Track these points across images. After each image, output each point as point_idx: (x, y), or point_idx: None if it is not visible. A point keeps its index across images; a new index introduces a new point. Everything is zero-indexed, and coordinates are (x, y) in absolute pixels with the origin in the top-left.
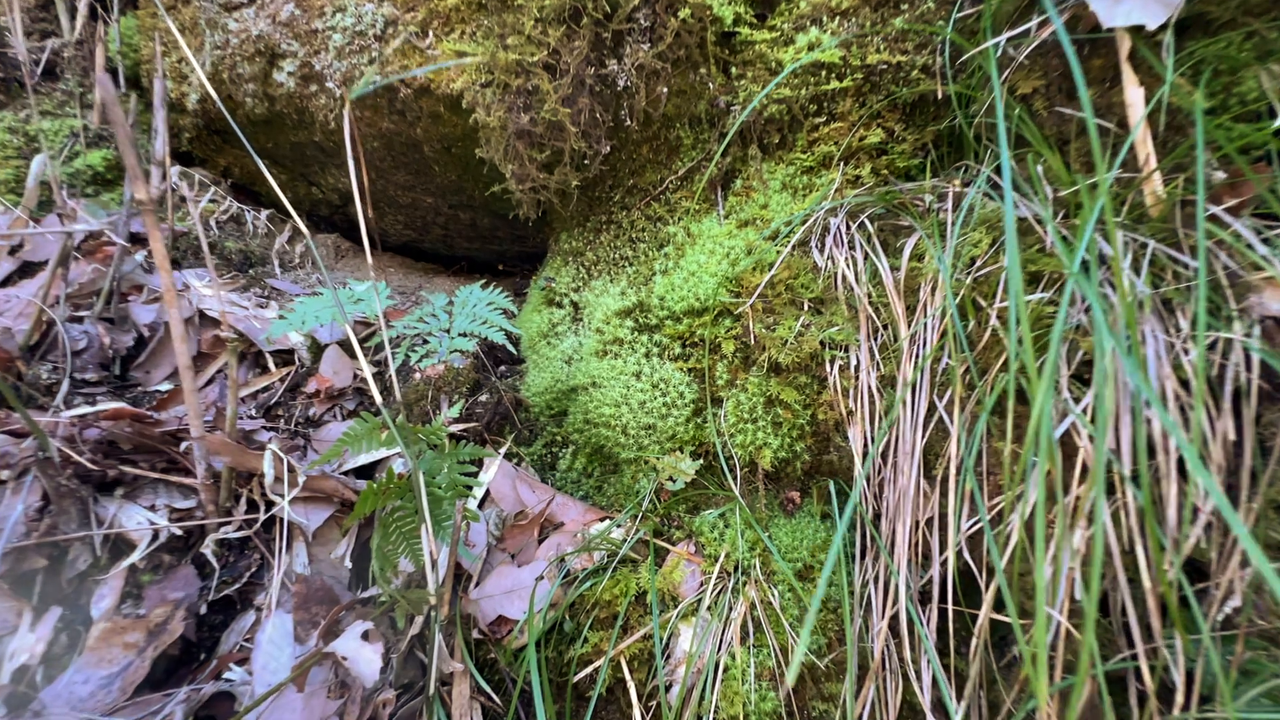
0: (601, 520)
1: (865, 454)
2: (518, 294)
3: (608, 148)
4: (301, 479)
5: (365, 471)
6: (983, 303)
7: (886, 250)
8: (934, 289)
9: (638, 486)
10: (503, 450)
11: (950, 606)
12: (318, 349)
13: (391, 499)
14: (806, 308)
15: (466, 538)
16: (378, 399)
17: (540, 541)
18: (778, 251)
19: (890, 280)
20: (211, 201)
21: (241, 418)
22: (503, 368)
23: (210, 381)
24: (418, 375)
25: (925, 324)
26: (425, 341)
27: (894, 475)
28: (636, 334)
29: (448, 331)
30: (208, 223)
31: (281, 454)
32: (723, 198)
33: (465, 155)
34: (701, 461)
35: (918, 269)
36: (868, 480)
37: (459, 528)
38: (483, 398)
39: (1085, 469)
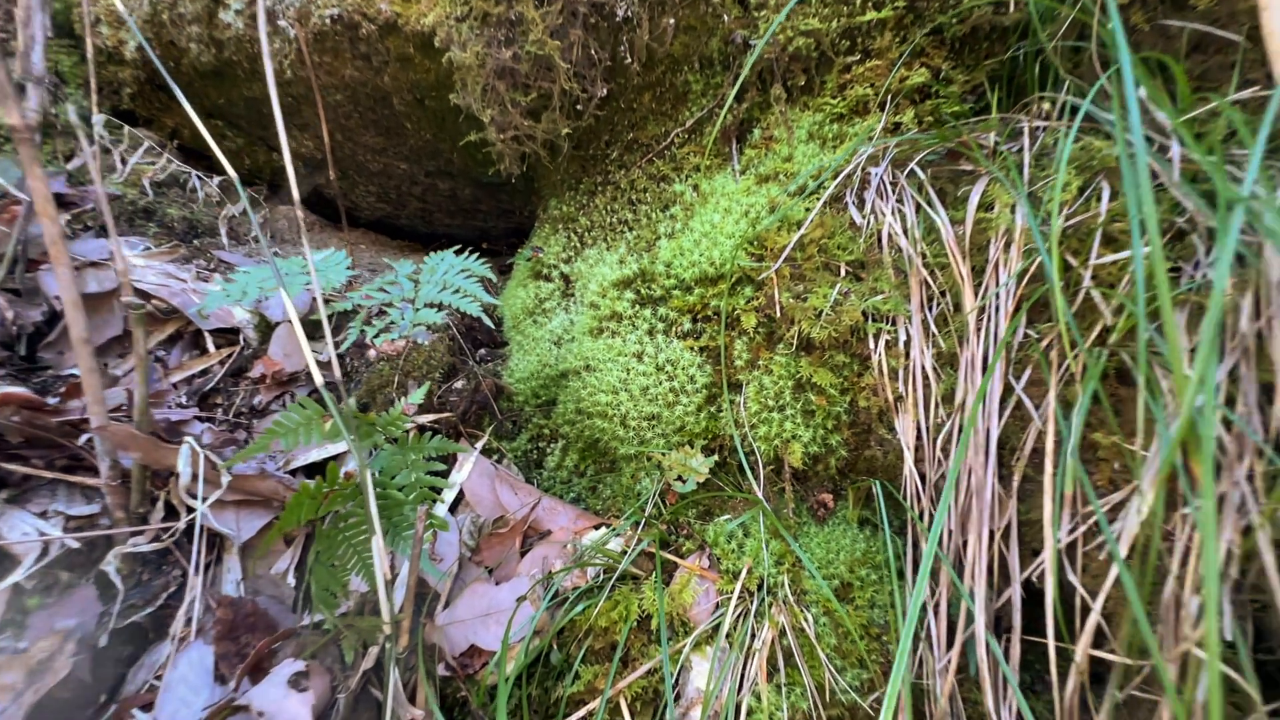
0: (596, 528)
1: (917, 448)
2: (503, 273)
3: (604, 91)
4: (226, 479)
5: (320, 470)
6: (1072, 260)
7: (944, 201)
8: (1008, 244)
9: (639, 488)
10: (479, 445)
11: (1020, 636)
12: (267, 328)
13: (337, 503)
14: (844, 273)
15: (433, 550)
16: (317, 378)
17: (523, 554)
18: (807, 208)
19: (951, 236)
20: (147, 162)
21: (169, 406)
22: (483, 350)
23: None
24: (373, 352)
25: (999, 288)
26: (384, 313)
27: (961, 474)
28: (638, 308)
29: (412, 302)
30: (141, 184)
31: (200, 448)
32: (738, 151)
33: (440, 109)
34: (715, 458)
35: (986, 221)
36: (921, 479)
37: (420, 538)
38: (458, 384)
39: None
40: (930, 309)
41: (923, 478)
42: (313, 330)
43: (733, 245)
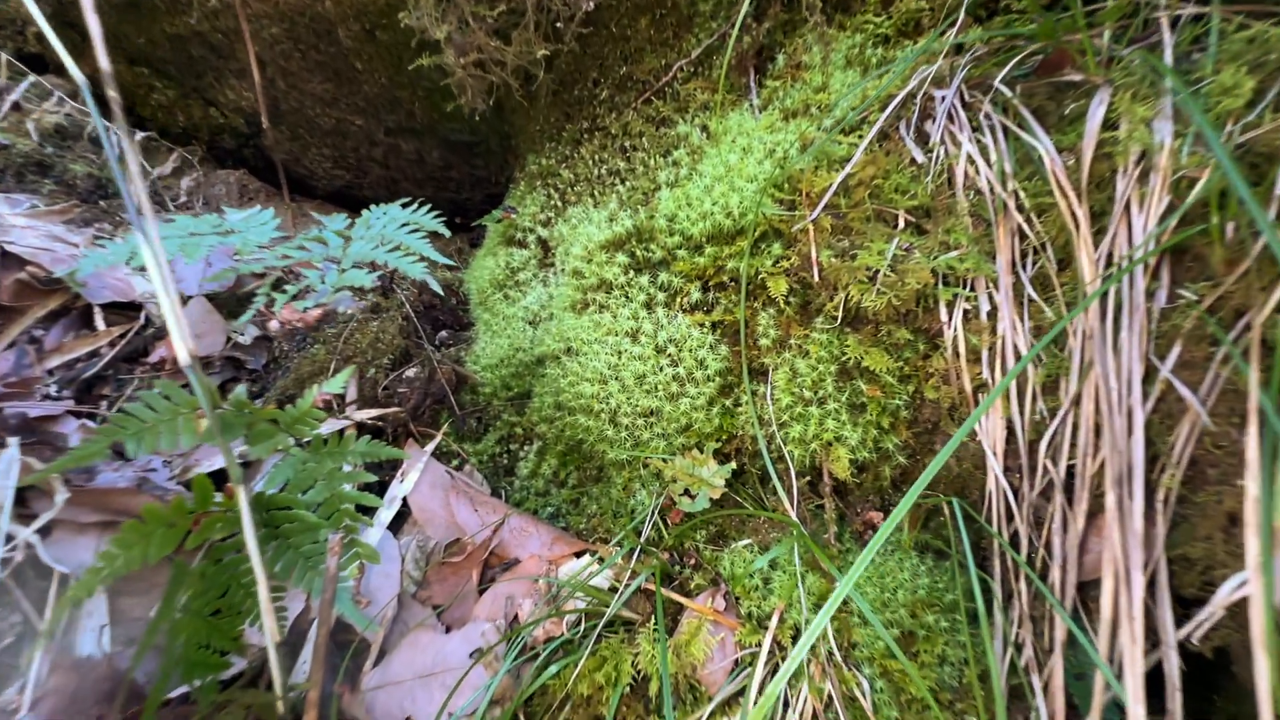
0: (578, 555)
1: (1007, 454)
2: (476, 247)
3: (591, 4)
4: (61, 494)
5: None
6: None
7: (1044, 124)
8: (1144, 174)
9: (633, 503)
10: (429, 448)
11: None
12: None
13: (214, 530)
14: (902, 223)
15: (359, 589)
16: (182, 356)
17: (482, 590)
18: (851, 145)
19: (1058, 168)
20: (49, 111)
21: (36, 396)
22: (444, 333)
23: (14, 344)
24: (275, 324)
25: (1134, 233)
26: (298, 276)
27: (1079, 488)
28: (632, 274)
29: (337, 262)
30: (33, 134)
31: (19, 453)
32: (757, 84)
33: (394, 43)
34: (732, 465)
35: (1111, 145)
36: (1015, 494)
37: (335, 577)
38: (409, 372)
39: None
40: (1025, 267)
41: (1015, 492)
42: (239, 307)
43: (755, 190)
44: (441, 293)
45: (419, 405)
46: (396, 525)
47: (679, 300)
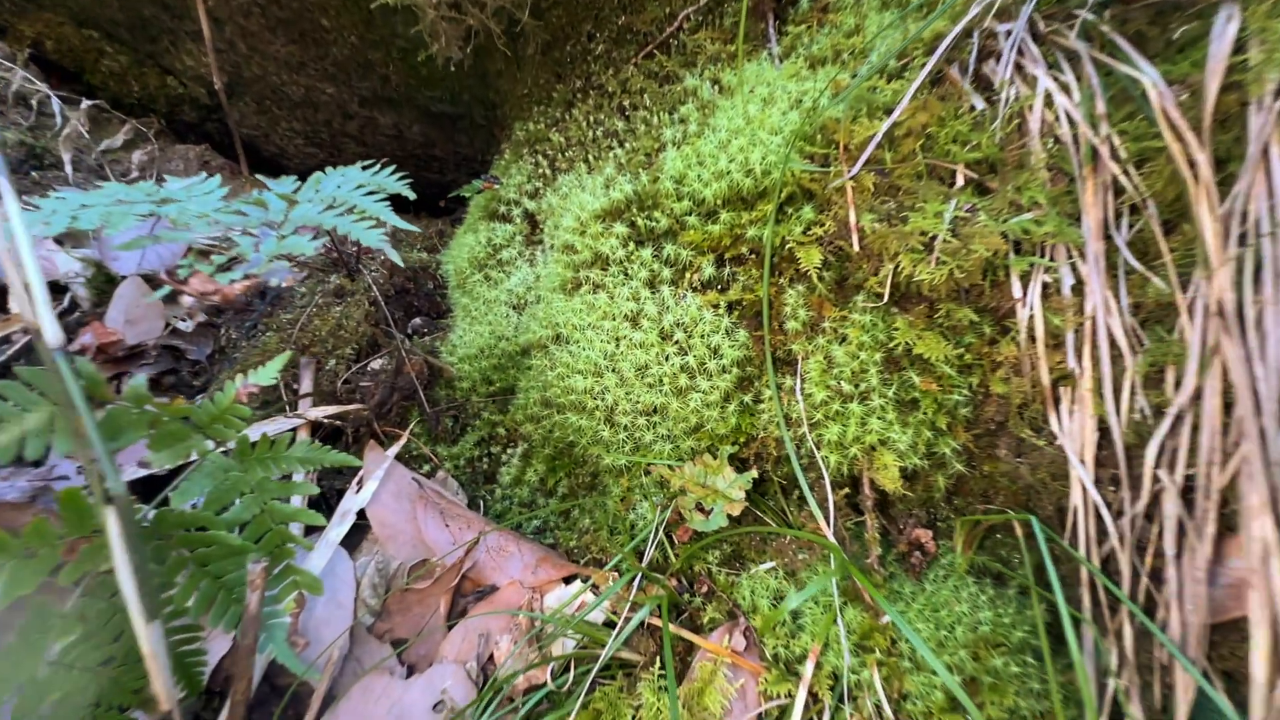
0: (568, 580)
1: (1100, 461)
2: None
3: None
4: None
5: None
6: None
7: (1145, 51)
8: None
9: (633, 516)
10: (392, 450)
11: None
12: (107, 283)
13: (94, 562)
14: (961, 180)
15: (295, 627)
16: (50, 337)
17: (452, 622)
18: (895, 91)
19: (1169, 103)
20: None
21: None
22: (418, 319)
23: None
24: (189, 299)
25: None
26: (230, 244)
27: (1199, 507)
28: (632, 247)
29: (277, 227)
30: None
31: None
32: (777, 31)
33: None
34: (753, 473)
35: (1239, 71)
36: (1112, 511)
37: (258, 616)
38: (375, 364)
39: None
40: (1120, 229)
41: (1110, 508)
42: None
43: (782, 143)
44: (401, 263)
45: (385, 401)
46: (353, 542)
47: (688, 277)
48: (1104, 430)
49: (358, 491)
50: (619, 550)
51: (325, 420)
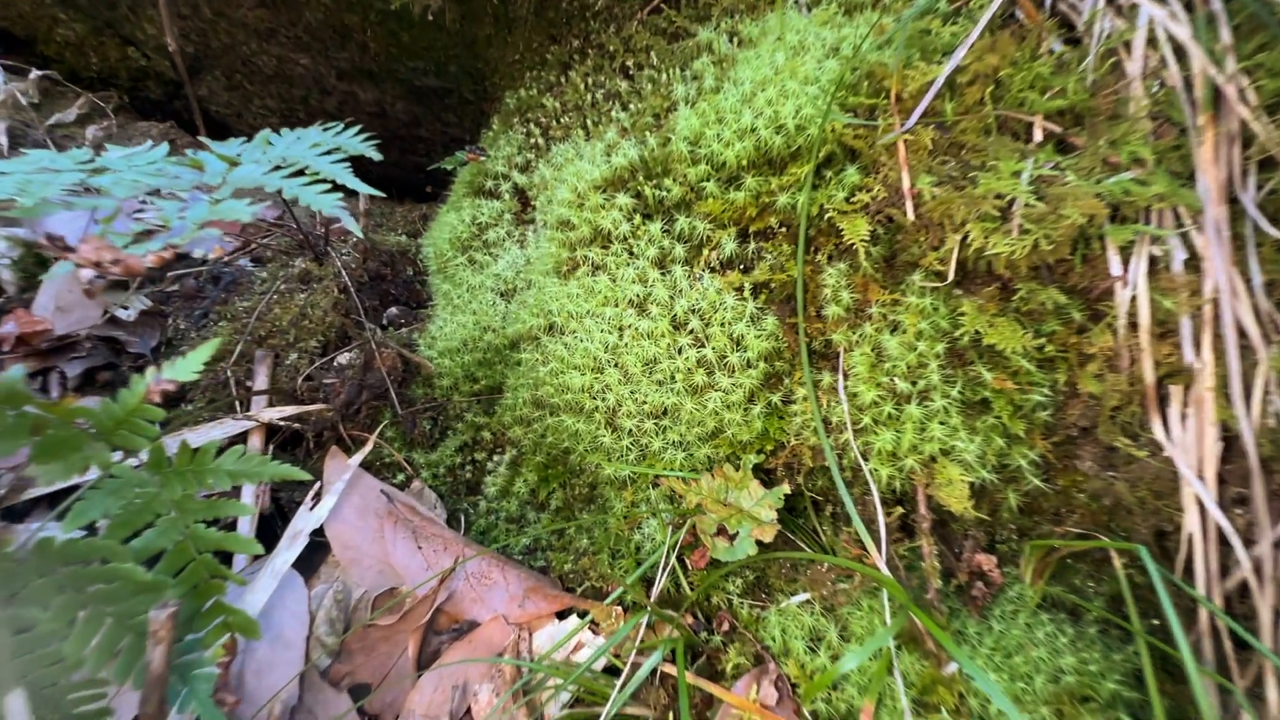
0: (562, 614)
1: (1222, 479)
2: None
3: None
4: None
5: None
6: None
7: None
8: None
9: (638, 537)
10: (356, 459)
11: None
12: (38, 264)
13: None
14: (1040, 135)
15: (226, 678)
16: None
17: (423, 665)
18: (955, 35)
19: None
20: None
21: None
22: (394, 309)
23: None
24: (87, 272)
25: None
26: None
27: None
28: (639, 221)
29: (211, 190)
30: None
31: None
32: None
33: None
34: (785, 487)
35: None
36: (1243, 539)
37: (160, 677)
38: (342, 358)
39: None
40: (1249, 189)
41: (1240, 535)
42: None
43: (819, 93)
44: (362, 235)
45: (352, 401)
46: (311, 565)
47: (705, 255)
48: (1229, 439)
49: (313, 507)
50: (623, 577)
51: (282, 423)
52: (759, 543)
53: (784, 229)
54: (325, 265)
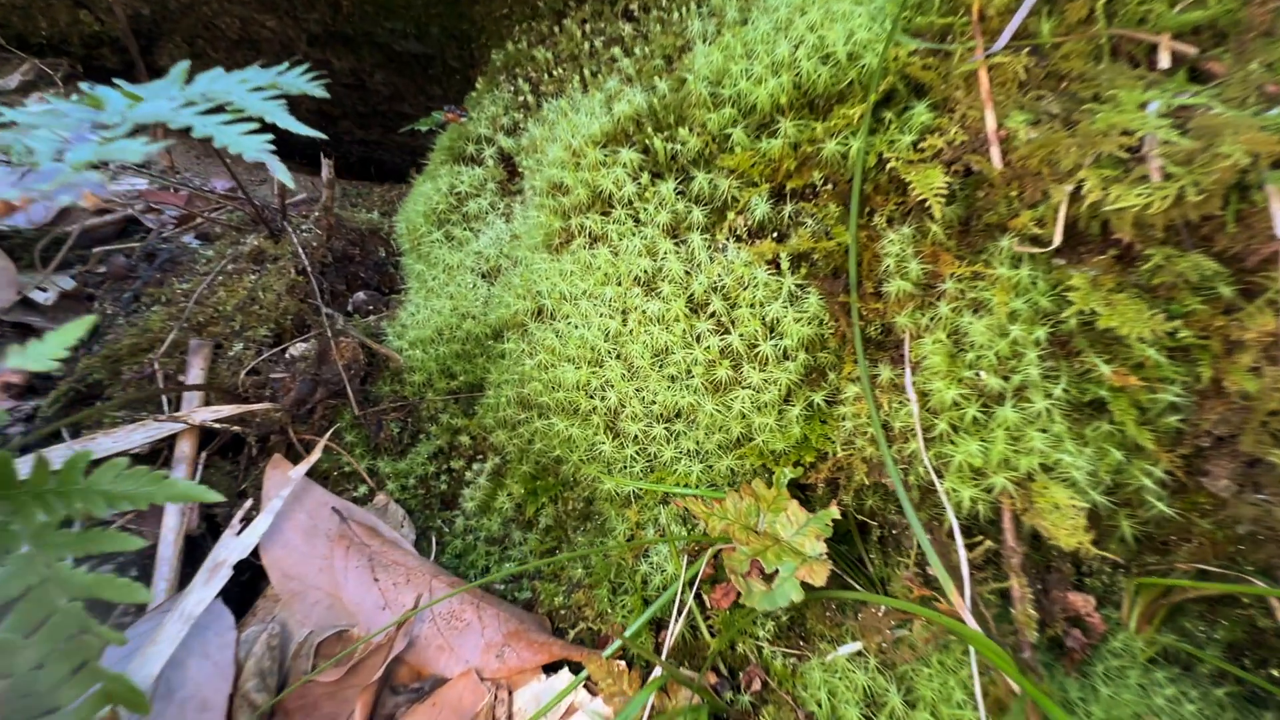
0: (551, 668)
1: None
2: None
3: None
4: None
5: None
6: None
7: None
8: None
9: (645, 568)
10: (301, 468)
11: None
12: None
13: None
14: (1167, 60)
15: None
16: None
17: None
18: None
19: None
20: None
21: None
22: (362, 294)
23: None
24: None
25: None
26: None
27: None
28: (647, 180)
29: (105, 128)
30: None
31: None
32: None
33: None
34: (833, 511)
35: None
36: None
37: None
38: (296, 349)
39: None
40: None
41: None
42: (52, 250)
43: (876, 13)
44: (292, 184)
45: (304, 399)
46: (246, 600)
47: (730, 220)
48: None
49: (240, 531)
50: (626, 619)
51: (218, 425)
52: (805, 585)
53: (830, 186)
54: (282, 243)
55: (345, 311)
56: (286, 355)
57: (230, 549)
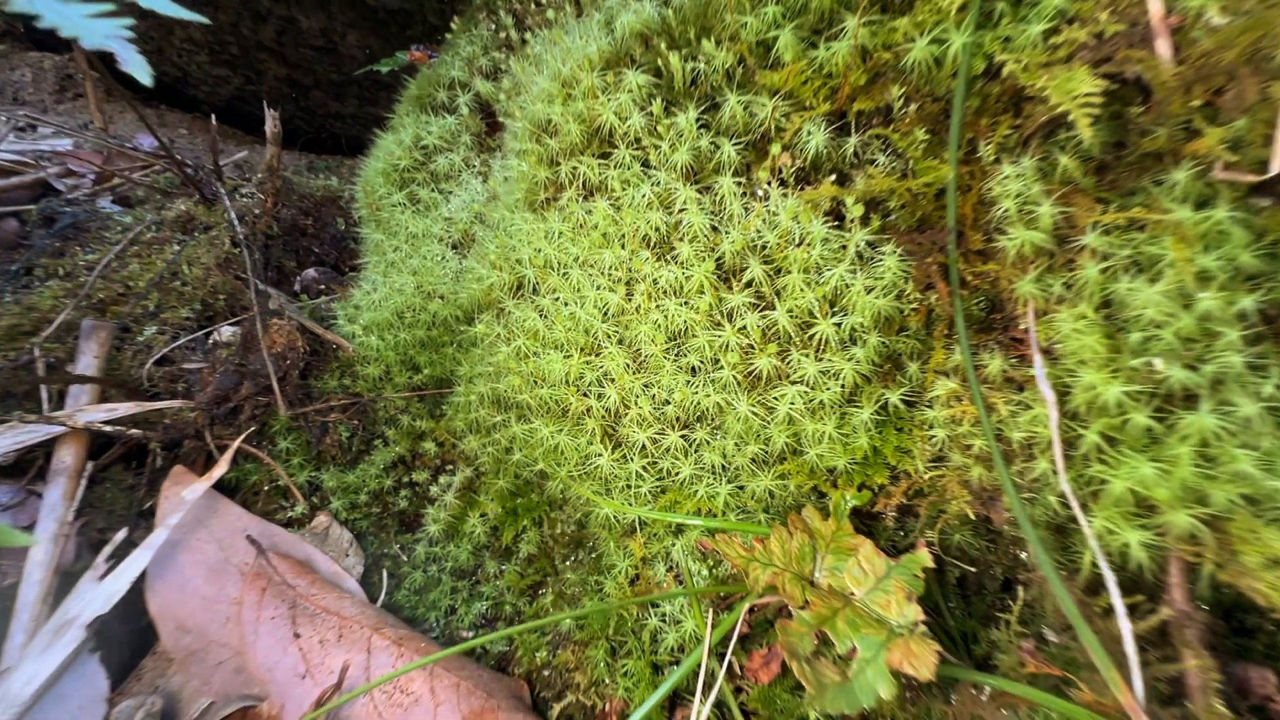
0: None
1: None
2: None
3: None
4: None
5: None
6: None
7: None
8: None
9: (654, 622)
10: (201, 485)
11: None
12: None
13: None
14: None
15: None
16: None
17: None
18: None
19: None
20: None
21: None
22: (314, 271)
23: None
24: None
25: None
26: None
27: None
28: (660, 111)
29: None
30: None
31: None
32: None
33: None
34: (926, 556)
35: None
36: None
37: None
38: (224, 334)
39: None
40: None
41: None
42: None
43: None
44: (150, 80)
45: (226, 394)
46: (130, 658)
47: (773, 157)
48: None
49: (103, 575)
50: (630, 690)
51: (110, 429)
52: (913, 683)
53: (914, 107)
54: (215, 209)
55: (292, 292)
56: (211, 342)
57: (85, 601)
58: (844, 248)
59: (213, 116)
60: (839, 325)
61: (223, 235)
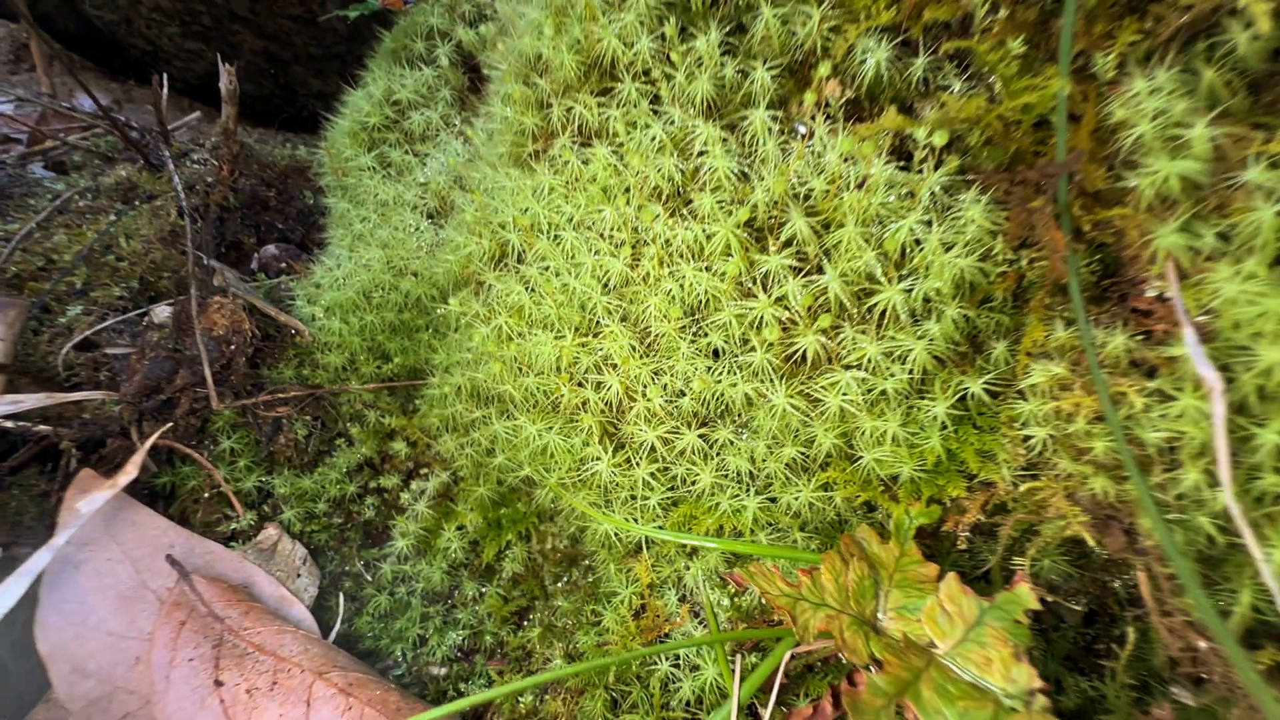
0: None
1: None
2: None
3: None
4: None
5: None
6: None
7: None
8: None
9: (663, 667)
10: (102, 496)
11: None
12: None
13: None
14: None
15: None
16: None
17: None
18: None
19: None
20: None
21: None
22: (274, 248)
23: None
24: None
25: None
26: None
27: None
28: (673, 36)
29: None
30: None
31: None
32: None
33: None
34: (1029, 596)
35: None
36: None
37: None
38: (161, 313)
39: None
40: None
41: None
42: None
43: None
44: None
45: (158, 384)
46: (17, 704)
47: (817, 85)
48: None
49: None
50: None
51: (12, 425)
52: None
53: (1002, 12)
54: (160, 175)
55: (249, 270)
56: (145, 324)
57: None
58: (913, 194)
59: (164, 76)
60: (909, 292)
61: (169, 205)
